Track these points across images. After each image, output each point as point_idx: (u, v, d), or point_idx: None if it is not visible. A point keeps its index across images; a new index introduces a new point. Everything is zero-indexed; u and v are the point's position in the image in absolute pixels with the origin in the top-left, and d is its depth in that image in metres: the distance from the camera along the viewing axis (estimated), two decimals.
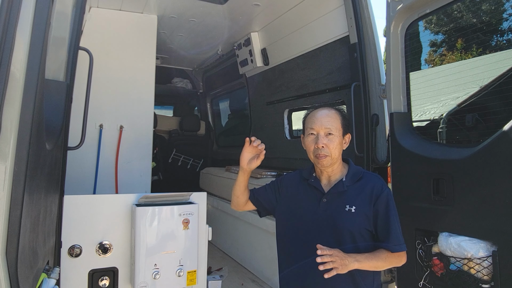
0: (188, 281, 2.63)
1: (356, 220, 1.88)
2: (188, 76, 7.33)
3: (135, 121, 4.14)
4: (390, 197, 1.92)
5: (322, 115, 1.99)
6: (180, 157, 6.58)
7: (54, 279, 1.94)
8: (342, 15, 3.46)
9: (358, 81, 3.20)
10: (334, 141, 1.94)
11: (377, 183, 1.95)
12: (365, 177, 1.99)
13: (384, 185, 1.95)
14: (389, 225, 1.87)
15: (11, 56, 1.42)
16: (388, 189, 1.94)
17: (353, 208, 1.89)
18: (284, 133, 4.96)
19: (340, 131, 1.97)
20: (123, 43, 4.10)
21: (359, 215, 1.88)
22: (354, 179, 1.97)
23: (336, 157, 1.97)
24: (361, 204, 1.90)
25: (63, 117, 2.20)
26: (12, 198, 1.41)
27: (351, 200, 1.91)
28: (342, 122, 1.99)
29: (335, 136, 1.95)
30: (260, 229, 3.63)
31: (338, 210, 1.92)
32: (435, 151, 2.59)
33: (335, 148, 1.94)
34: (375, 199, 1.89)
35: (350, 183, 1.96)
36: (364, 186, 1.94)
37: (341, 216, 1.90)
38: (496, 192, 2.19)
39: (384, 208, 1.89)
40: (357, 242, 1.88)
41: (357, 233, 1.88)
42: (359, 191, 1.93)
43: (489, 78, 3.07)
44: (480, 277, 2.24)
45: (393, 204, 1.92)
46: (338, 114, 2.01)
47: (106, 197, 2.73)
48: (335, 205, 1.93)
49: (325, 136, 1.95)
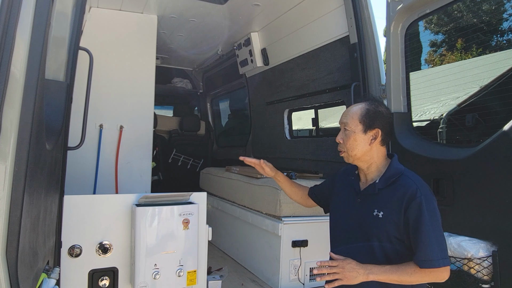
0: (188, 281, 2.62)
1: (383, 227, 1.75)
2: (188, 76, 7.33)
3: (135, 121, 4.14)
4: (424, 205, 1.69)
5: (346, 110, 1.92)
6: (180, 157, 6.58)
7: (54, 279, 1.94)
8: (342, 15, 3.46)
9: (358, 81, 3.20)
10: (349, 136, 1.84)
11: (411, 187, 1.73)
12: (401, 180, 1.78)
13: (420, 191, 1.72)
14: (418, 237, 1.67)
15: (11, 56, 1.42)
16: (423, 196, 1.71)
17: (381, 213, 1.76)
18: (284, 133, 4.96)
19: (358, 127, 1.83)
20: (123, 43, 4.10)
21: (387, 222, 1.74)
22: (388, 181, 1.80)
23: (354, 154, 1.85)
24: (391, 210, 1.75)
25: (63, 117, 2.20)
26: (12, 198, 1.41)
27: (381, 204, 1.78)
28: (361, 117, 1.84)
29: (351, 131, 1.84)
30: (260, 229, 3.63)
31: (366, 214, 1.81)
32: (435, 151, 2.59)
33: (351, 145, 1.83)
34: (406, 206, 1.71)
35: (383, 185, 1.80)
36: (396, 191, 1.76)
37: (368, 220, 1.80)
38: (496, 192, 2.19)
39: (415, 217, 1.68)
40: (386, 249, 1.75)
41: (386, 240, 1.75)
42: (391, 195, 1.77)
43: (489, 78, 3.08)
44: (480, 277, 2.24)
45: (428, 213, 1.68)
46: (360, 108, 1.86)
47: (106, 197, 2.72)
48: (366, 207, 1.83)
49: (343, 131, 1.87)
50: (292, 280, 3.35)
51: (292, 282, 3.35)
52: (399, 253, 1.75)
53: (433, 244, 1.67)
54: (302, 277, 3.37)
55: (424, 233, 1.67)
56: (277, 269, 3.34)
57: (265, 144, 5.48)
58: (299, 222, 3.37)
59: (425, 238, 1.66)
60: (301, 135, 6.19)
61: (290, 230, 3.33)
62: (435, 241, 1.67)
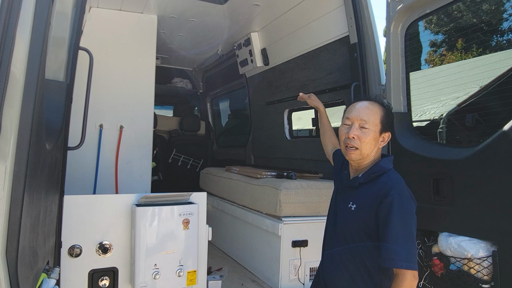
0: (188, 281, 2.63)
1: (353, 219, 1.79)
2: (188, 76, 7.33)
3: (135, 121, 4.14)
4: (396, 204, 1.66)
5: (362, 106, 1.86)
6: (180, 157, 6.58)
7: (54, 279, 1.94)
8: (342, 15, 3.46)
9: (358, 81, 3.20)
10: (368, 135, 1.80)
11: (386, 185, 1.73)
12: (382, 178, 1.79)
13: (394, 190, 1.70)
14: (385, 235, 1.65)
15: (11, 56, 1.42)
16: (397, 195, 1.69)
17: (354, 206, 1.80)
18: (284, 133, 4.96)
19: (378, 127, 1.82)
20: (123, 43, 4.10)
21: (357, 215, 1.78)
22: (369, 177, 1.82)
23: (367, 153, 1.82)
24: (363, 205, 1.77)
25: (63, 117, 2.20)
26: (12, 198, 1.41)
27: (357, 198, 1.81)
28: (382, 118, 1.83)
29: (370, 130, 1.80)
30: (260, 229, 3.63)
31: (343, 206, 1.86)
32: (435, 151, 2.59)
33: (367, 143, 1.80)
34: (379, 203, 1.70)
35: (364, 180, 1.82)
36: (373, 186, 1.78)
37: (342, 212, 1.86)
38: (496, 192, 2.18)
39: (385, 214, 1.67)
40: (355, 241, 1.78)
41: (354, 233, 1.78)
42: (367, 191, 1.79)
43: (489, 78, 3.08)
44: (480, 277, 2.24)
45: (399, 212, 1.66)
46: (381, 109, 1.85)
47: (106, 197, 2.72)
48: (344, 199, 1.87)
49: (359, 128, 1.81)
50: (292, 280, 3.35)
51: (292, 282, 3.35)
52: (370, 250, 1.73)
53: (399, 243, 1.63)
54: (302, 277, 3.37)
55: (391, 231, 1.64)
56: (277, 269, 3.34)
57: (265, 144, 5.48)
58: (299, 222, 3.37)
59: (391, 236, 1.63)
60: (301, 135, 6.18)
61: (290, 230, 3.33)
62: (402, 241, 1.63)
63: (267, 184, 3.58)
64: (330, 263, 1.90)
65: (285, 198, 3.34)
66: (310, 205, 3.44)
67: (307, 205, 3.43)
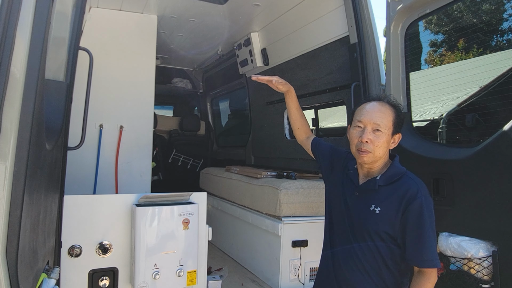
0: (188, 281, 2.62)
1: (378, 222, 1.78)
2: (188, 76, 7.32)
3: (135, 121, 4.14)
4: (425, 207, 1.72)
5: (374, 109, 1.85)
6: (180, 157, 6.58)
7: (54, 279, 1.93)
8: (342, 15, 3.46)
9: (358, 81, 3.20)
10: (381, 138, 1.81)
11: (412, 188, 1.75)
12: (402, 180, 1.81)
13: (420, 192, 1.74)
14: (418, 237, 1.70)
15: (11, 56, 1.42)
16: (424, 197, 1.74)
17: (378, 209, 1.78)
18: (284, 133, 4.95)
19: (390, 129, 1.84)
20: (123, 43, 4.10)
21: (382, 218, 1.77)
22: (390, 180, 1.83)
23: (380, 156, 1.84)
24: (388, 207, 1.77)
25: (63, 117, 2.20)
26: (12, 198, 1.41)
27: (379, 201, 1.80)
28: (394, 120, 1.85)
29: (383, 133, 1.82)
30: (260, 229, 3.63)
31: (363, 208, 1.84)
32: (435, 151, 2.59)
33: (380, 146, 1.81)
34: (405, 206, 1.73)
35: (384, 183, 1.82)
36: (397, 189, 1.78)
37: (364, 214, 1.82)
38: (496, 192, 2.18)
39: (416, 217, 1.71)
40: (375, 242, 1.79)
41: (375, 234, 1.79)
42: (390, 193, 1.79)
43: (489, 78, 3.08)
44: (480, 277, 2.24)
45: (428, 214, 1.72)
46: (392, 111, 1.87)
47: (106, 197, 2.72)
48: (362, 202, 1.85)
49: (372, 132, 1.82)
50: (292, 280, 3.35)
51: (292, 282, 3.35)
52: (392, 251, 1.78)
53: (433, 245, 1.72)
54: (302, 277, 3.37)
55: (425, 233, 1.70)
56: (277, 269, 3.34)
57: (265, 144, 5.48)
58: (299, 222, 3.37)
59: (427, 239, 1.70)
60: None
61: (290, 230, 3.33)
62: (434, 243, 1.73)
63: (267, 184, 3.58)
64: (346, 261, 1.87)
65: (285, 198, 3.34)
66: (310, 205, 3.44)
67: (307, 205, 3.43)
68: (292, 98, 2.30)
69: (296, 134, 2.35)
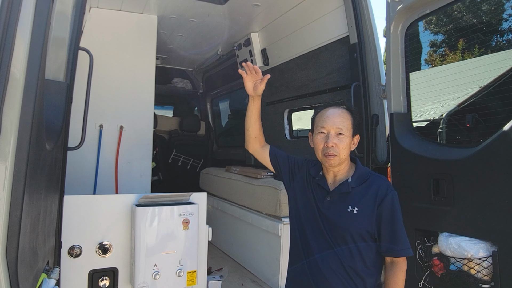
0: (188, 281, 2.63)
1: (357, 222, 1.87)
2: (188, 76, 7.32)
3: (135, 121, 4.14)
4: (395, 200, 1.90)
5: (334, 115, 1.98)
6: (180, 157, 6.58)
7: (54, 279, 1.94)
8: (342, 15, 3.46)
9: (358, 81, 3.20)
10: (344, 141, 1.94)
11: (382, 185, 1.92)
12: (371, 179, 1.97)
13: (390, 188, 1.93)
14: (393, 229, 1.86)
15: (11, 56, 1.42)
16: (393, 192, 1.92)
17: (356, 209, 1.88)
18: (284, 133, 4.96)
19: (350, 132, 1.97)
20: (123, 43, 4.10)
21: (361, 217, 1.87)
22: (360, 180, 1.96)
23: (344, 157, 1.96)
24: (365, 206, 1.89)
25: (63, 117, 2.20)
26: (12, 198, 1.41)
27: (355, 201, 1.90)
28: (353, 123, 1.99)
29: (345, 136, 1.94)
30: (260, 229, 3.63)
31: (340, 211, 1.91)
32: (435, 151, 2.59)
33: (344, 149, 1.94)
34: (379, 202, 1.88)
35: (356, 184, 1.95)
36: (369, 188, 1.92)
37: (342, 216, 1.90)
38: (496, 192, 2.18)
39: (389, 211, 1.87)
40: (357, 242, 1.87)
41: (357, 234, 1.87)
42: (364, 193, 1.92)
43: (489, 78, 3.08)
44: (480, 277, 2.24)
45: (398, 207, 1.89)
46: (349, 115, 2.00)
47: (106, 197, 2.72)
48: (338, 205, 1.93)
49: (336, 136, 1.94)
50: None
51: None
52: (371, 249, 1.88)
53: (405, 234, 1.88)
54: None
55: (398, 225, 1.87)
56: (277, 269, 3.34)
57: None
58: None
59: (400, 230, 1.86)
60: (301, 135, 6.18)
61: None
62: (405, 232, 1.89)
63: (267, 184, 3.58)
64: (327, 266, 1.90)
65: (285, 198, 3.32)
66: None
67: None
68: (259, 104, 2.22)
69: (251, 142, 2.25)
